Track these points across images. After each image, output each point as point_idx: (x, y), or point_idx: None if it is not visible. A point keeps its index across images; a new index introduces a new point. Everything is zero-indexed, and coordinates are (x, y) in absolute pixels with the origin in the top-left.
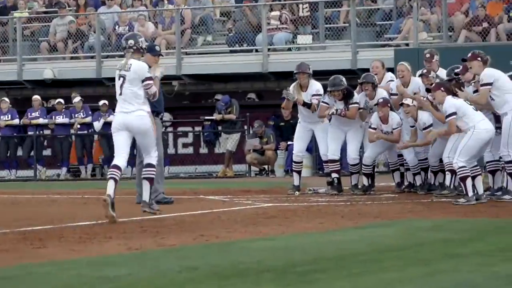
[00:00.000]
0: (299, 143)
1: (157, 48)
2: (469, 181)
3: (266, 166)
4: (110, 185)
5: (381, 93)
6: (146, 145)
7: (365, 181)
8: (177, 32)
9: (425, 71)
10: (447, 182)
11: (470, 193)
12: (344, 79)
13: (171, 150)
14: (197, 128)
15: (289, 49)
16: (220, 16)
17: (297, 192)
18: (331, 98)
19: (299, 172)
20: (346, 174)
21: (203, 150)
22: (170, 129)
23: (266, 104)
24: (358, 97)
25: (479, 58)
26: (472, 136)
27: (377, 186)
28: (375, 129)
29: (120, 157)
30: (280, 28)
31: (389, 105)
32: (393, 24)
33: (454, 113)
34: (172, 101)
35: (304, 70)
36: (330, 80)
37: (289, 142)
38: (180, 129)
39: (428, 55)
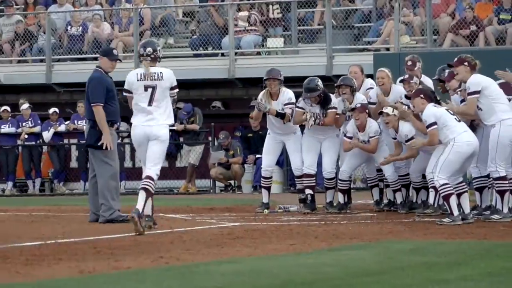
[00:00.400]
0: (268, 157)
1: (114, 52)
2: (453, 199)
3: (232, 182)
4: (140, 197)
5: (359, 98)
6: (157, 155)
7: (340, 198)
8: (135, 33)
9: (407, 76)
10: (431, 200)
11: (455, 212)
12: (320, 81)
13: (128, 164)
14: None
15: (258, 53)
16: (183, 17)
17: (266, 210)
18: (306, 101)
19: (268, 188)
20: (320, 191)
21: (163, 163)
22: (126, 140)
23: (233, 113)
24: (336, 101)
25: (466, 63)
26: (452, 150)
27: (354, 204)
28: (351, 138)
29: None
30: (248, 30)
31: (367, 111)
32: (373, 26)
33: (435, 123)
34: (129, 109)
35: (275, 76)
36: (304, 84)
37: (257, 155)
38: None
39: (409, 63)
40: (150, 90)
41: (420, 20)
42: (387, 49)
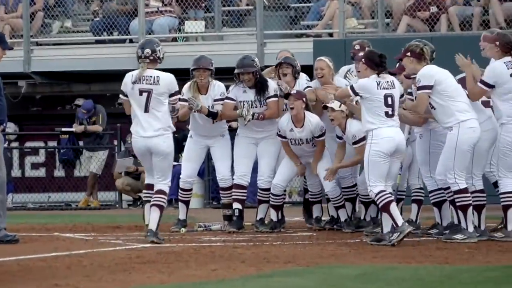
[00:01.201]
0: (189, 165)
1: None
2: (394, 208)
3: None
4: (153, 215)
5: (303, 84)
6: (165, 169)
7: (273, 215)
8: (24, 15)
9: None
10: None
11: (399, 222)
12: (257, 59)
13: (16, 173)
14: (51, 144)
15: (175, 39)
16: None
17: (183, 229)
18: (238, 87)
19: (186, 203)
20: (249, 206)
21: (59, 172)
22: (15, 144)
23: None
24: (277, 88)
25: (409, 53)
26: (370, 150)
27: (289, 222)
28: (285, 138)
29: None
30: (162, 11)
31: (304, 100)
32: (312, 7)
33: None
34: (18, 107)
35: (205, 66)
36: (238, 61)
37: (174, 163)
38: (28, 144)
39: (357, 47)
40: (145, 94)
41: (370, 0)
42: (330, 34)
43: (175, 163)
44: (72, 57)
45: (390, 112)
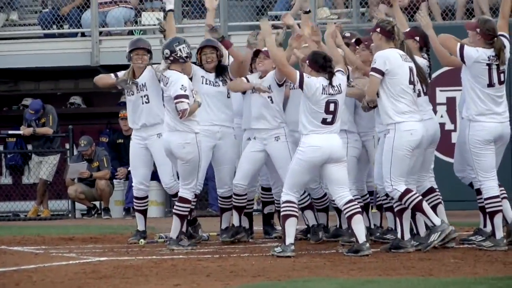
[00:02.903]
0: (138, 171)
1: None
2: (292, 223)
3: (97, 203)
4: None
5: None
6: (186, 173)
7: (235, 219)
8: None
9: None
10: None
11: (289, 240)
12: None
13: None
14: None
15: (131, 33)
16: None
17: (142, 240)
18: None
19: (144, 212)
20: (213, 214)
21: (5, 179)
22: None
23: (97, 112)
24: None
25: (378, 29)
26: (295, 158)
27: (258, 231)
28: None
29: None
30: (116, 2)
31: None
32: None
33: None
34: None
35: (145, 46)
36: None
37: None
38: None
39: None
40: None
41: None
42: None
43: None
44: (19, 52)
45: (329, 120)
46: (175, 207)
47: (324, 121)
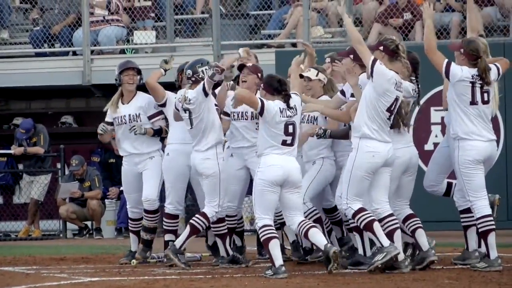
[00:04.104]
0: (133, 194)
1: None
2: (274, 245)
3: (89, 223)
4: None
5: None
6: (210, 190)
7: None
8: None
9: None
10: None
11: (278, 262)
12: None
13: None
14: None
15: (123, 51)
16: (21, 3)
17: (134, 261)
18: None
19: (137, 233)
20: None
21: None
22: None
23: (89, 132)
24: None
25: (382, 47)
26: (256, 178)
27: (251, 251)
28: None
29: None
30: (108, 21)
31: (259, 75)
32: (274, 15)
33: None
34: None
35: (135, 66)
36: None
37: (122, 188)
38: None
39: (328, 60)
40: (188, 113)
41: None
42: (294, 44)
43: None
44: (10, 71)
45: (288, 141)
46: (216, 228)
47: (284, 143)
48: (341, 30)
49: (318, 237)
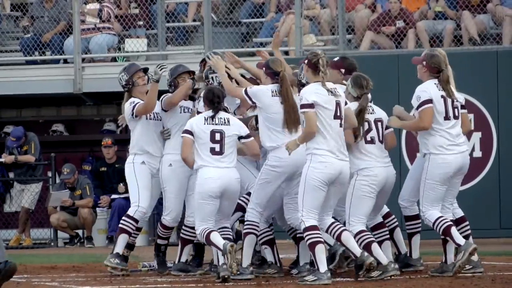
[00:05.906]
0: (148, 194)
1: None
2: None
3: (80, 231)
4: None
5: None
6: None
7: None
8: None
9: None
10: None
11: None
12: None
13: None
14: None
15: (114, 59)
16: (12, 10)
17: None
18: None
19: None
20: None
21: None
22: None
23: (80, 140)
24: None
25: (306, 61)
26: (196, 192)
27: None
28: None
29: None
30: (99, 28)
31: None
32: (266, 23)
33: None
34: None
35: (141, 67)
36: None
37: (113, 196)
38: None
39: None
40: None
41: (330, 14)
42: (286, 52)
43: (115, 196)
44: (0, 79)
45: (217, 149)
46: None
47: (212, 151)
48: (333, 38)
49: (246, 251)
